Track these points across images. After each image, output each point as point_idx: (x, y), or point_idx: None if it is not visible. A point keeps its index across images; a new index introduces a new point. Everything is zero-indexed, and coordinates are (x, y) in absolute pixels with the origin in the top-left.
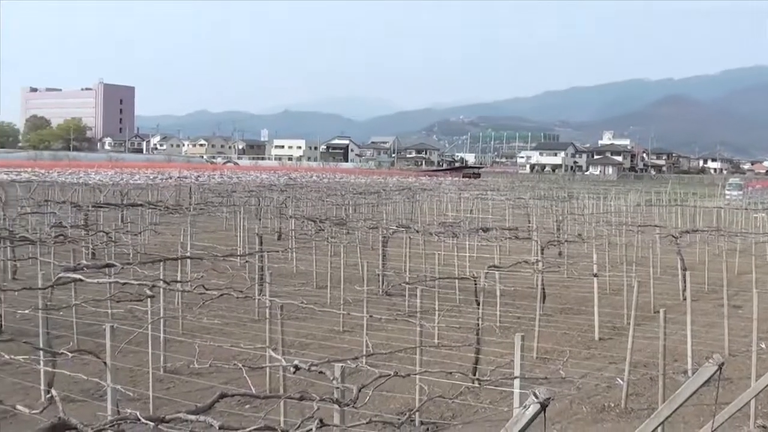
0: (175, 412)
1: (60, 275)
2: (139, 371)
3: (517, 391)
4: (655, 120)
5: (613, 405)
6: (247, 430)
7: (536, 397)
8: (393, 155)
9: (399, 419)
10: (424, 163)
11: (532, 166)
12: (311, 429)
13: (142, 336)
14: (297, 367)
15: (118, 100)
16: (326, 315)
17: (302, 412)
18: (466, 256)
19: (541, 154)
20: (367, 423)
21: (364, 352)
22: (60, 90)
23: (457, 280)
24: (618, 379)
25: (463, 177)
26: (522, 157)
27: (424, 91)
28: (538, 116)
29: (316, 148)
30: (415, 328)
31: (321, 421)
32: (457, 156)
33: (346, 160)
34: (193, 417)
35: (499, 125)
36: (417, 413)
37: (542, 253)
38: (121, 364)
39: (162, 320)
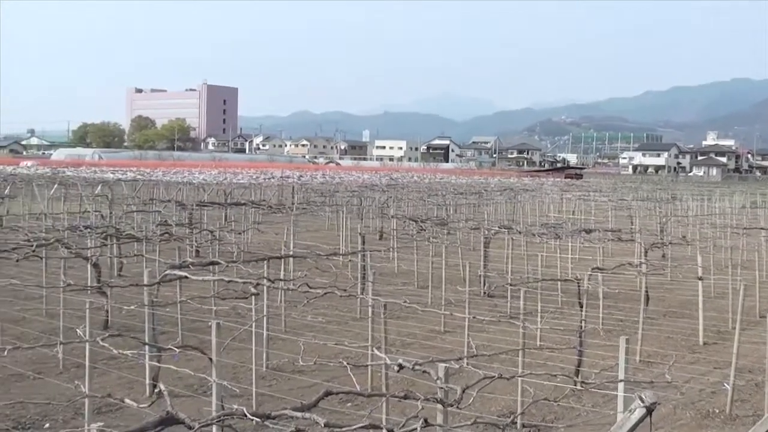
0: (280, 409)
1: (166, 272)
2: (242, 368)
3: (621, 394)
4: (760, 120)
5: (717, 411)
6: (353, 427)
7: (642, 401)
8: (494, 155)
9: (501, 421)
10: (525, 163)
11: (635, 167)
12: (416, 428)
13: (245, 333)
14: (401, 366)
15: (222, 100)
16: (427, 315)
17: (403, 411)
18: (569, 257)
19: (643, 154)
20: (471, 424)
21: (466, 353)
22: (165, 91)
23: (559, 282)
24: (724, 384)
25: (565, 178)
26: (624, 158)
27: (523, 91)
28: (640, 116)
29: (416, 149)
30: (516, 329)
31: (426, 420)
32: (559, 156)
33: (447, 161)
34: (298, 414)
35: (600, 125)
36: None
37: (646, 256)
38: (225, 360)
39: (265, 318)
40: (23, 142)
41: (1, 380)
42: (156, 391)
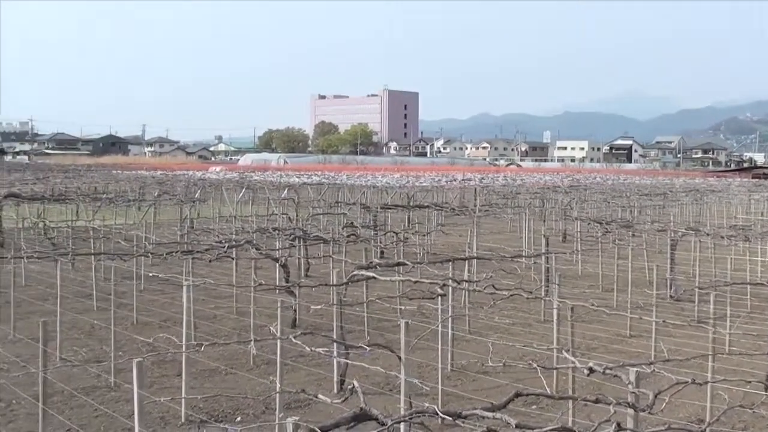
0: (468, 409)
1: (354, 272)
2: (428, 367)
3: None
4: None
5: None
6: (544, 429)
7: None
8: (678, 155)
9: (693, 428)
10: (711, 163)
11: None
12: None
13: (430, 333)
14: (591, 370)
15: (403, 105)
16: (613, 318)
17: (588, 416)
18: (758, 260)
19: None
20: (665, 429)
21: (653, 358)
22: (347, 97)
23: (749, 286)
24: None
25: (752, 178)
26: None
27: (705, 88)
28: None
29: (598, 149)
30: (703, 334)
31: (618, 424)
32: (746, 156)
33: (630, 161)
34: (489, 414)
35: None
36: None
37: None
38: (412, 358)
39: (450, 318)
40: (211, 149)
41: (195, 375)
42: (346, 387)
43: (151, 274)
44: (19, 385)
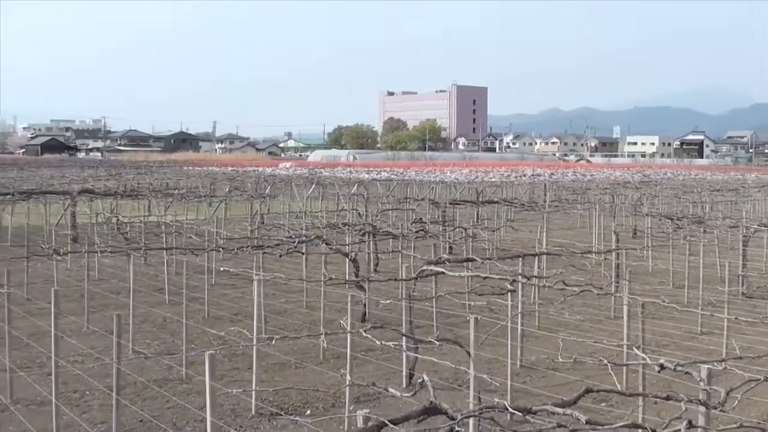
0: (538, 405)
1: (423, 268)
2: (497, 363)
3: None
4: None
5: None
6: (615, 425)
7: None
8: (750, 151)
9: (763, 426)
10: None
11: None
12: (680, 429)
13: (499, 328)
14: (662, 366)
15: (471, 101)
16: (683, 315)
17: (658, 413)
18: None
19: None
20: (737, 427)
21: (725, 355)
22: (415, 93)
23: None
24: None
25: None
26: None
27: None
28: None
29: (669, 144)
30: None
31: (690, 422)
32: None
33: (701, 156)
34: (559, 410)
35: None
36: None
37: None
38: (481, 354)
39: (520, 314)
40: (281, 145)
41: (266, 368)
42: (415, 381)
43: (222, 269)
44: (94, 377)
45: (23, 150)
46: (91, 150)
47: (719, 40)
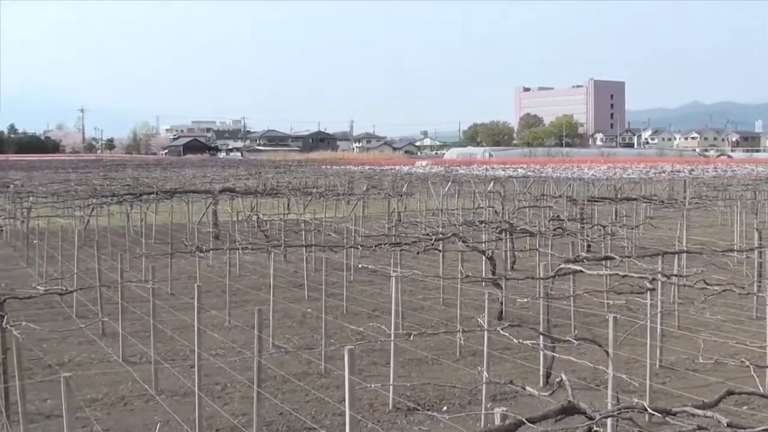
0: (680, 406)
1: (560, 266)
2: (635, 363)
3: None
4: None
5: None
6: (757, 429)
7: None
8: None
9: None
10: None
11: None
12: None
13: (638, 328)
14: None
15: (609, 95)
16: None
17: None
18: None
19: None
20: None
21: None
22: (551, 89)
23: None
24: None
25: None
26: None
27: None
28: None
29: None
30: None
31: None
32: None
33: None
34: (699, 412)
35: None
36: None
37: None
38: (619, 353)
39: (659, 313)
40: (417, 143)
41: (403, 363)
42: (553, 380)
43: (360, 266)
44: (235, 369)
45: (166, 151)
46: (231, 150)
47: None
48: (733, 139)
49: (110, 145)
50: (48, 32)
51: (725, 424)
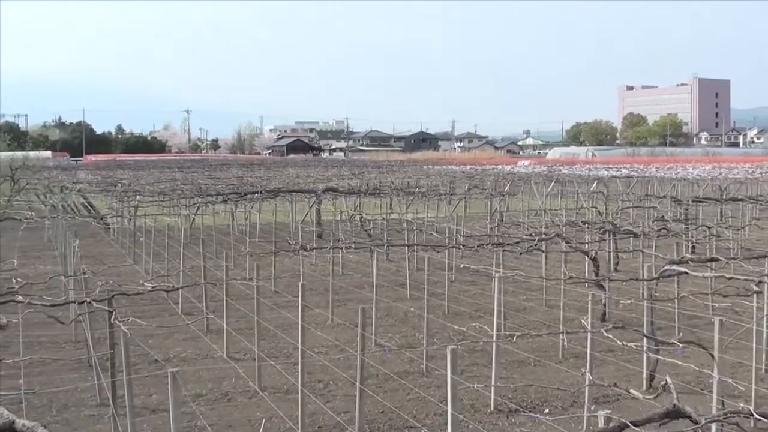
0: None
1: (665, 267)
2: (741, 367)
3: None
4: None
5: None
6: None
7: None
8: None
9: None
10: None
11: None
12: None
13: (744, 331)
14: None
15: (713, 94)
16: None
17: None
18: None
19: None
20: None
21: None
22: (655, 87)
23: None
24: None
25: None
26: None
27: None
28: None
29: None
30: None
31: None
32: None
33: None
34: None
35: None
36: None
37: None
38: (725, 357)
39: (766, 316)
40: (519, 143)
41: (505, 365)
42: (656, 384)
43: (462, 266)
44: (338, 367)
45: (269, 150)
46: (334, 150)
47: None
48: None
49: (215, 145)
50: (158, 34)
51: None
